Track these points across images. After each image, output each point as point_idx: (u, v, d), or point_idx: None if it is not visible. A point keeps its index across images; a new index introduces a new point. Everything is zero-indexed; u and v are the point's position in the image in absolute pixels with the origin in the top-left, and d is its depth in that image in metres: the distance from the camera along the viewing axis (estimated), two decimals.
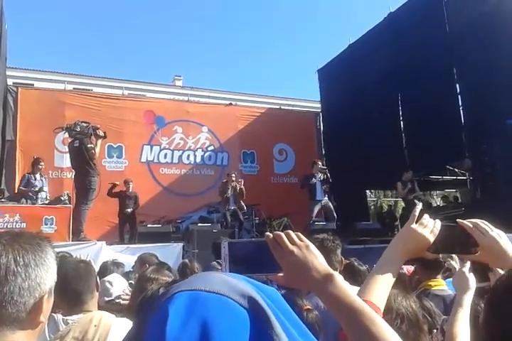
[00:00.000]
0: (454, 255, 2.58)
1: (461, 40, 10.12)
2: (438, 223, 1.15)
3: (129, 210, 9.40)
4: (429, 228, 1.13)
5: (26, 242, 0.93)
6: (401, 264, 1.16)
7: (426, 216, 1.16)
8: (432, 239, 1.12)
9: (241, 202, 10.27)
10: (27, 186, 8.25)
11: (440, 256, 1.21)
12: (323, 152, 14.92)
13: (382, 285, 1.06)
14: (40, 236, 0.99)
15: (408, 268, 3.28)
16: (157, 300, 0.71)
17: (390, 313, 1.47)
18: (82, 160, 7.86)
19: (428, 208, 12.49)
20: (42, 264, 0.92)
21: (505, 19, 9.05)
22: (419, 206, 1.19)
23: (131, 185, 9.73)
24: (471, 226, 1.15)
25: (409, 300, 1.59)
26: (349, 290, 0.92)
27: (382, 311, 1.01)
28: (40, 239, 0.97)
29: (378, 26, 12.63)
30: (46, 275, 0.93)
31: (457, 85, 10.45)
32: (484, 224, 1.16)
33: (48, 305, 0.94)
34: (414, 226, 1.13)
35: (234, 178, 10.37)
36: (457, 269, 1.84)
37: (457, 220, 1.18)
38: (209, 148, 13.85)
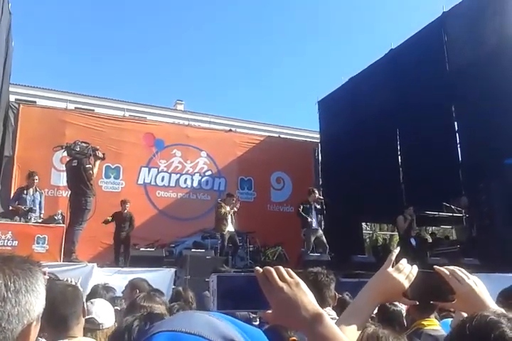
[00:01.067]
0: None
1: (460, 79, 10.32)
2: (415, 269, 1.15)
3: (124, 234, 9.36)
4: (405, 273, 1.12)
5: (18, 267, 0.91)
6: (374, 307, 1.15)
7: (403, 261, 1.15)
8: (407, 284, 1.11)
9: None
10: (18, 201, 8.18)
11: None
12: (321, 182, 14.95)
13: (352, 326, 1.05)
14: (31, 260, 0.96)
15: (406, 306, 3.24)
16: (137, 338, 0.70)
17: None
18: (80, 180, 7.83)
19: (424, 244, 12.43)
20: (32, 290, 0.90)
21: (505, 60, 9.26)
22: (397, 250, 1.19)
23: (127, 206, 9.68)
24: (448, 273, 1.16)
25: (400, 340, 1.59)
26: (338, 331, 0.91)
27: None
28: (31, 264, 0.94)
29: (379, 61, 12.90)
30: (36, 302, 0.90)
31: (455, 123, 10.59)
32: (461, 271, 1.17)
33: (35, 331, 0.92)
34: (389, 270, 1.13)
35: (234, 200, 10.19)
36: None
37: (434, 267, 1.18)
38: (207, 173, 13.86)
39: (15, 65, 11.82)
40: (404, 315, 3.23)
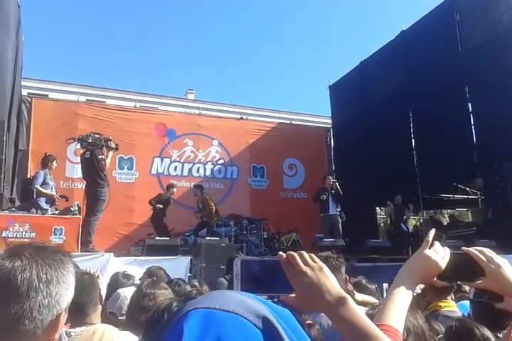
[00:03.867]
0: None
1: (473, 60, 10.13)
2: (448, 251, 1.15)
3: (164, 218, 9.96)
4: (442, 255, 1.13)
5: (50, 257, 0.92)
6: (414, 288, 1.15)
7: (437, 243, 1.15)
8: (443, 266, 1.12)
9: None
10: (43, 186, 8.12)
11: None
12: (334, 168, 14.89)
13: (399, 309, 1.05)
14: (63, 251, 0.98)
15: (421, 287, 3.24)
16: (172, 316, 0.71)
17: None
18: (93, 171, 7.90)
19: (439, 227, 12.37)
20: (63, 282, 0.92)
21: None
22: (433, 231, 1.19)
23: (174, 190, 10.43)
24: (478, 253, 1.16)
25: (416, 315, 1.59)
26: (362, 314, 0.92)
27: (401, 334, 1.01)
28: (62, 255, 0.96)
29: (390, 44, 12.70)
30: (66, 293, 0.92)
31: (469, 104, 10.43)
32: (489, 251, 1.17)
33: (62, 323, 0.93)
34: (428, 252, 1.13)
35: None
36: None
37: (462, 248, 1.18)
38: (219, 162, 13.88)
39: (26, 58, 11.90)
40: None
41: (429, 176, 10.93)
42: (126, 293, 2.67)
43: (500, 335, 1.84)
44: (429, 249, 1.13)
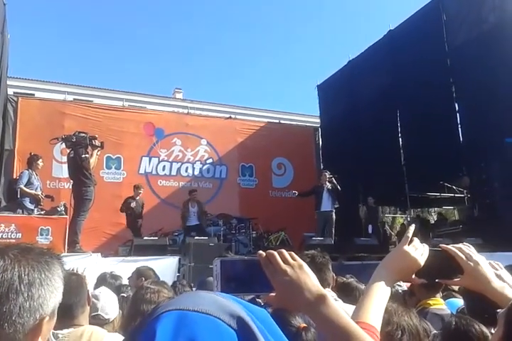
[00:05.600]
0: None
1: (460, 59, 10.24)
2: (426, 248, 1.14)
3: (140, 220, 9.64)
4: (421, 252, 1.12)
5: (35, 259, 0.89)
6: (392, 285, 1.13)
7: (416, 239, 1.14)
8: (422, 262, 1.10)
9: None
10: (29, 186, 8.03)
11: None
12: (322, 167, 14.94)
13: (376, 306, 1.04)
14: (50, 252, 0.95)
15: (408, 285, 3.26)
16: (145, 319, 0.69)
17: (391, 326, 1.47)
18: (78, 171, 7.85)
19: (426, 225, 12.47)
20: (47, 284, 0.88)
21: (504, 37, 9.17)
22: (413, 227, 1.17)
23: (140, 192, 10.10)
24: (456, 251, 1.15)
25: (410, 314, 1.59)
26: (342, 312, 0.91)
27: (379, 331, 1.00)
28: (49, 257, 0.92)
29: (378, 43, 12.77)
30: (50, 296, 0.88)
31: (456, 103, 10.53)
32: (468, 249, 1.17)
33: (48, 326, 0.89)
34: (407, 248, 1.11)
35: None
36: None
37: (441, 245, 1.17)
38: (208, 161, 13.86)
39: (12, 57, 11.74)
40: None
41: (416, 175, 11.02)
42: (96, 292, 2.66)
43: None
44: (409, 245, 1.12)
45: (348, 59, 13.91)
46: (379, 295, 1.06)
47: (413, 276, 1.12)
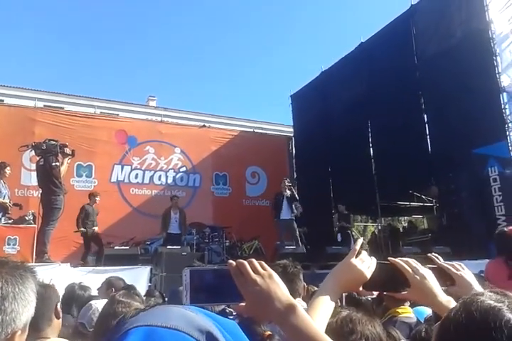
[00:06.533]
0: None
1: (428, 71, 10.51)
2: (374, 260, 1.16)
3: (96, 228, 9.14)
4: (368, 264, 1.14)
5: (9, 273, 0.88)
6: (338, 296, 1.15)
7: (364, 252, 1.16)
8: (369, 275, 1.12)
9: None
10: None
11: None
12: (295, 176, 15.06)
13: (320, 317, 1.06)
14: (25, 266, 0.94)
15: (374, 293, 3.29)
16: (112, 334, 0.68)
17: (356, 335, 1.50)
18: (47, 179, 7.69)
19: (396, 234, 12.67)
20: (20, 298, 0.88)
21: (470, 52, 9.45)
22: (361, 240, 1.21)
23: (97, 199, 9.48)
24: (403, 264, 1.18)
25: (374, 323, 1.63)
26: (311, 322, 0.92)
27: None
28: (23, 271, 0.92)
29: (350, 55, 13.00)
30: (23, 311, 0.88)
31: (425, 115, 10.79)
32: (414, 262, 1.20)
33: (19, 340, 0.89)
34: (353, 261, 1.13)
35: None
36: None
37: (389, 258, 1.20)
38: (181, 169, 13.78)
39: None
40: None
41: (386, 184, 11.20)
42: (99, 304, 2.61)
43: None
44: (356, 258, 1.14)
45: (320, 70, 14.12)
46: (323, 307, 1.08)
47: (361, 288, 1.14)
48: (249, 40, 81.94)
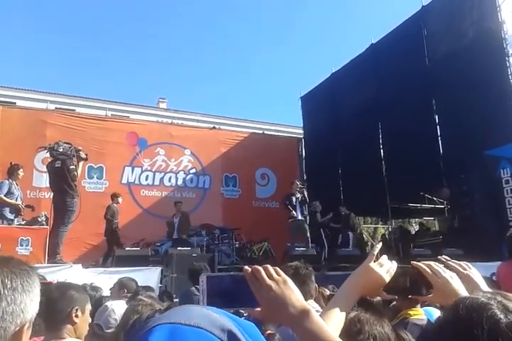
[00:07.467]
0: None
1: (440, 72, 10.46)
2: (394, 264, 1.18)
3: (116, 227, 9.60)
4: (386, 268, 1.16)
5: (16, 266, 0.91)
6: (355, 301, 1.17)
7: (384, 257, 1.18)
8: (387, 279, 1.14)
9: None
10: (9, 196, 7.89)
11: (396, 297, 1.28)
12: (305, 177, 15.03)
13: (336, 320, 1.08)
14: (29, 264, 0.97)
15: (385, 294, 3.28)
16: (137, 332, 0.71)
17: (363, 334, 1.51)
18: (63, 181, 7.72)
19: (407, 236, 12.59)
20: (28, 291, 0.90)
21: (483, 52, 9.39)
22: (379, 245, 1.22)
23: (120, 200, 10.08)
24: (425, 267, 1.20)
25: (383, 323, 1.63)
26: (325, 326, 0.94)
27: None
28: (28, 267, 0.95)
29: (360, 56, 12.98)
30: (31, 303, 0.90)
31: (436, 116, 10.73)
32: (437, 265, 1.21)
33: (26, 335, 0.90)
34: (372, 264, 1.16)
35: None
36: None
37: (412, 262, 1.22)
38: (191, 171, 13.82)
39: None
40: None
41: (397, 186, 11.15)
42: (115, 306, 2.64)
43: None
44: (374, 262, 1.16)
45: (331, 71, 14.10)
46: (340, 310, 1.10)
47: (382, 292, 1.16)
48: (260, 42, 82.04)
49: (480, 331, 0.78)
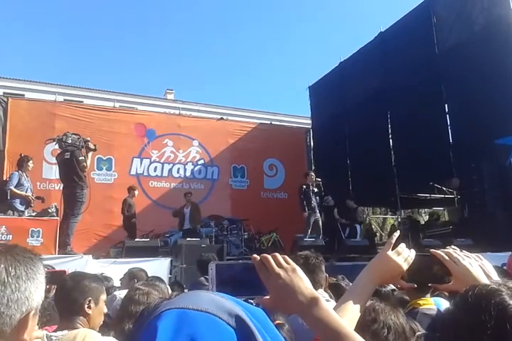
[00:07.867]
0: None
1: (449, 60, 10.31)
2: (413, 252, 1.17)
3: (135, 220, 9.77)
4: (404, 257, 1.15)
5: (19, 254, 0.91)
6: (373, 289, 1.17)
7: (402, 245, 1.18)
8: (405, 267, 1.14)
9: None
10: (19, 187, 7.90)
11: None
12: (313, 168, 14.99)
13: (353, 308, 1.08)
14: (33, 251, 0.97)
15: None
16: (146, 317, 0.71)
17: (378, 324, 1.51)
18: (73, 173, 7.76)
19: (416, 226, 12.55)
20: (33, 278, 0.90)
21: (493, 39, 9.24)
22: (397, 234, 1.21)
23: (136, 192, 10.28)
24: (444, 255, 1.18)
25: (397, 313, 1.63)
26: (334, 314, 0.93)
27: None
28: (32, 254, 0.95)
29: (369, 45, 12.84)
30: (35, 291, 0.90)
31: (446, 105, 10.61)
32: (456, 253, 1.20)
33: (33, 323, 0.91)
34: (389, 253, 1.15)
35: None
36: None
37: (430, 250, 1.21)
38: (199, 162, 13.84)
39: (1, 57, 11.67)
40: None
41: (406, 176, 11.08)
42: (123, 295, 2.66)
43: None
44: (392, 250, 1.15)
45: (339, 60, 13.97)
46: (357, 298, 1.10)
47: (400, 280, 1.16)
48: (267, 32, 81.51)
49: (488, 317, 0.78)
